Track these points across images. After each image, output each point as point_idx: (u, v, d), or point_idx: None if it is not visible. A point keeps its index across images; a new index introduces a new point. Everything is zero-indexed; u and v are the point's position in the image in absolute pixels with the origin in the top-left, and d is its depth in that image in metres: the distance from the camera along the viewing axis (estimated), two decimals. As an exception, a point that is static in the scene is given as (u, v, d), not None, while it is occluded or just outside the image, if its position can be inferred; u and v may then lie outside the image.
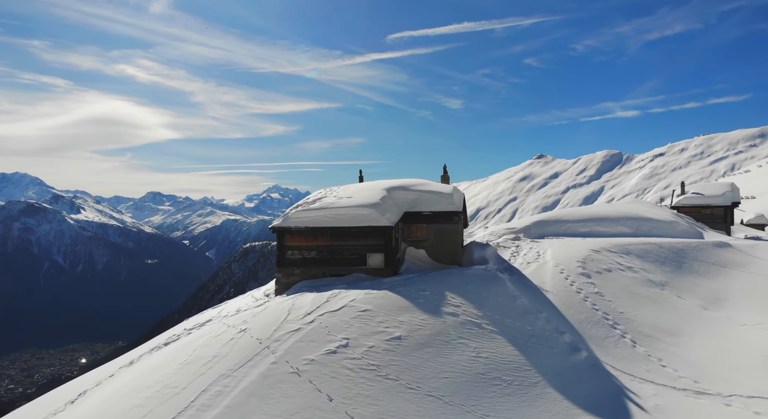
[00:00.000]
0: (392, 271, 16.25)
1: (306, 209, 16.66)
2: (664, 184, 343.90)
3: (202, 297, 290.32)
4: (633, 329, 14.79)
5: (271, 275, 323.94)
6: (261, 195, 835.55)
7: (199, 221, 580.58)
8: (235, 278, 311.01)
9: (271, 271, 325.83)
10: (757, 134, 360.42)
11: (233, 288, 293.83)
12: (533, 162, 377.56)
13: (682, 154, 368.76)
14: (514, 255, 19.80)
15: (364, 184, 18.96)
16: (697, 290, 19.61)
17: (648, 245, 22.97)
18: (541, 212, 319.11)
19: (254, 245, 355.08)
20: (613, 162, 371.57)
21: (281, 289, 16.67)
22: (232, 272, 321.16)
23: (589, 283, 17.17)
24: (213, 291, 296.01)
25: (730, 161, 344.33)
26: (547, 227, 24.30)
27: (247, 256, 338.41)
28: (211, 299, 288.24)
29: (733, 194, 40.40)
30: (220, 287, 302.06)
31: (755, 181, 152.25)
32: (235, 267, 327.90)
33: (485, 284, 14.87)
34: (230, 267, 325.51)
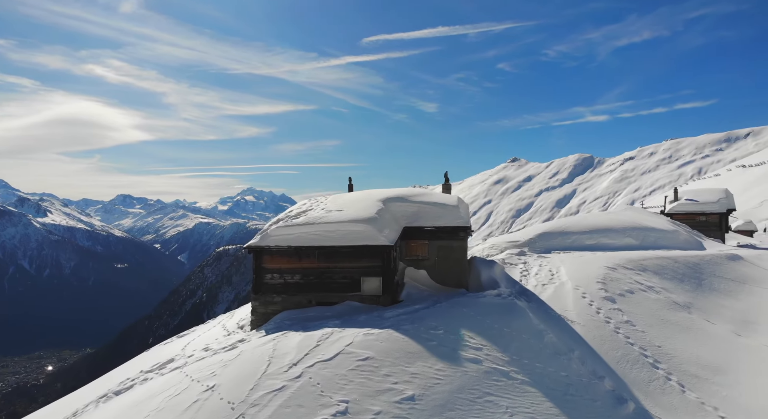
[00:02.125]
0: (391, 298, 13.78)
1: (289, 225, 14.07)
2: (635, 187, 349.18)
3: (174, 302, 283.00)
4: (676, 367, 12.63)
5: (245, 278, 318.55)
6: (235, 198, 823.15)
7: (171, 224, 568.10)
8: (208, 283, 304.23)
9: (245, 275, 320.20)
10: (723, 139, 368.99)
11: (206, 293, 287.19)
12: (507, 165, 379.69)
13: (652, 158, 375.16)
14: (525, 274, 17.53)
15: (356, 194, 16.45)
16: (725, 313, 17.66)
17: (663, 261, 20.99)
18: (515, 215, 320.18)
19: (228, 249, 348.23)
20: (585, 166, 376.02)
21: (258, 320, 14.04)
22: (204, 277, 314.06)
23: (615, 309, 14.98)
24: (185, 296, 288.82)
25: (697, 164, 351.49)
26: (552, 239, 22.16)
27: (221, 260, 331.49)
28: (183, 304, 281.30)
29: (727, 201, 39.10)
30: (193, 291, 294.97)
31: (725, 185, 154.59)
32: (207, 272, 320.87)
33: (504, 316, 12.51)
34: (203, 272, 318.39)
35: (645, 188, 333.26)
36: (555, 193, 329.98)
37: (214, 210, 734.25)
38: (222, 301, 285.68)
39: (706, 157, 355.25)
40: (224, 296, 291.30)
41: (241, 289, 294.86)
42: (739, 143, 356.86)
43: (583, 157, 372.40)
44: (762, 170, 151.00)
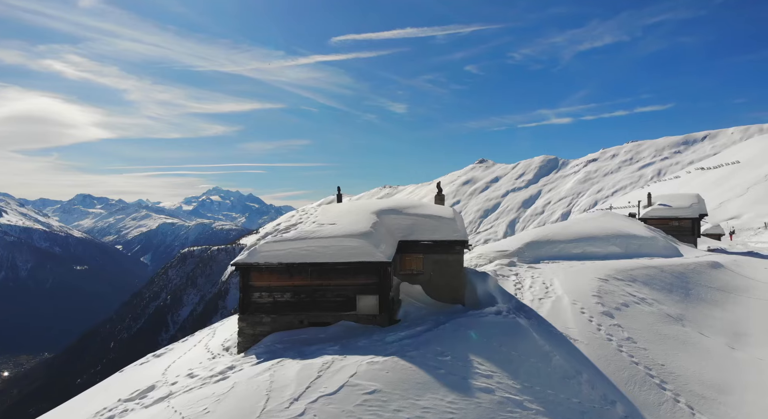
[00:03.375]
0: (388, 317, 13.09)
1: (279, 240, 13.22)
2: (598, 188, 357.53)
3: (137, 305, 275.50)
4: (682, 387, 12.31)
5: (210, 280, 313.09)
6: (200, 198, 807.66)
7: (134, 224, 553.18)
8: (173, 285, 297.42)
9: (211, 277, 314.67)
10: (681, 142, 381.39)
11: (170, 296, 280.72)
12: (475, 166, 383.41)
13: (614, 159, 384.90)
14: (518, 287, 17.08)
15: (347, 205, 15.68)
16: (715, 324, 17.60)
17: (650, 270, 20.91)
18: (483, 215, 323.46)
19: (192, 250, 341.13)
20: (550, 167, 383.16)
21: (246, 342, 13.15)
22: (168, 279, 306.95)
23: (615, 325, 14.64)
24: (148, 299, 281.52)
25: (657, 166, 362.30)
26: (540, 249, 21.84)
27: (185, 262, 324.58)
28: (146, 306, 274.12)
29: (699, 206, 39.77)
30: (156, 294, 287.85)
31: (686, 187, 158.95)
32: (172, 273, 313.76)
33: (509, 337, 11.98)
34: (167, 273, 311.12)
35: (608, 189, 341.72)
36: (521, 194, 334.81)
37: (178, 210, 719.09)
38: (187, 304, 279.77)
39: (665, 159, 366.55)
40: (189, 299, 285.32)
41: (207, 291, 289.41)
42: (696, 146, 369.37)
43: (548, 158, 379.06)
44: (720, 172, 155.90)
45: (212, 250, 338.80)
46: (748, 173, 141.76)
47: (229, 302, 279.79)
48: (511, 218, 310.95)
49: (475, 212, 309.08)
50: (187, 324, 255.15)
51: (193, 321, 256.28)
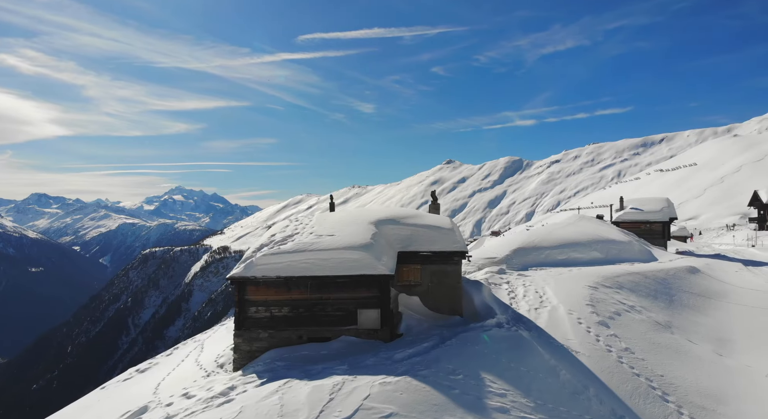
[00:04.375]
0: (390, 332, 12.77)
1: (276, 253, 12.74)
2: (560, 188, 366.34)
3: (96, 308, 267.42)
4: (683, 398, 12.40)
5: (173, 282, 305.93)
6: (162, 197, 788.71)
7: (92, 225, 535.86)
8: (134, 287, 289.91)
9: (173, 278, 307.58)
10: (640, 144, 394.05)
11: (131, 298, 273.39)
12: (443, 167, 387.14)
13: (576, 161, 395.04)
14: (513, 297, 17.02)
15: (342, 215, 15.27)
16: (700, 331, 17.93)
17: (634, 276, 21.23)
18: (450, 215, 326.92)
19: (154, 251, 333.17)
20: (515, 168, 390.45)
21: (242, 359, 12.62)
22: (129, 281, 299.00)
23: (612, 335, 14.71)
24: (108, 301, 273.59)
25: (617, 167, 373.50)
26: (527, 255, 21.92)
27: (147, 263, 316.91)
28: (106, 309, 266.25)
29: (669, 210, 40.84)
30: (116, 296, 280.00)
31: (645, 188, 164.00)
32: (133, 275, 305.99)
33: (515, 351, 11.82)
34: (127, 275, 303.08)
35: (570, 190, 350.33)
36: (487, 194, 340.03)
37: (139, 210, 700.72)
38: (148, 306, 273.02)
39: (625, 160, 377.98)
40: (151, 301, 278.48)
41: (170, 293, 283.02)
42: (654, 148, 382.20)
43: (513, 159, 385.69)
44: (678, 174, 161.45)
45: (175, 251, 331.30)
46: (704, 176, 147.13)
47: (193, 305, 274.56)
48: (478, 218, 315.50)
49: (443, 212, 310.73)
50: (149, 326, 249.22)
51: (155, 324, 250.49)
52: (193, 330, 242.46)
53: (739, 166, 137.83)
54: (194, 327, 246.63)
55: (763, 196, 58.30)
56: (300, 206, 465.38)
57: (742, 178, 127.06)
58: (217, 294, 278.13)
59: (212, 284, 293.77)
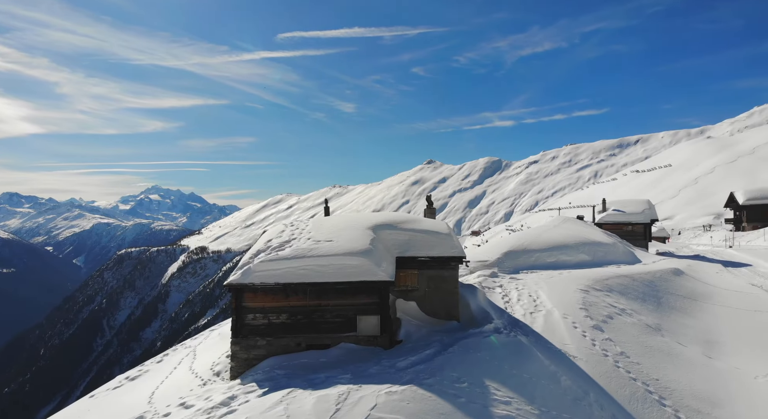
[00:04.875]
0: (389, 338, 12.68)
1: (275, 259, 12.55)
2: (539, 189, 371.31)
3: (69, 310, 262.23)
4: (679, 402, 12.56)
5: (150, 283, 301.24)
6: (138, 197, 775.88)
7: (65, 225, 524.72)
8: (108, 288, 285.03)
9: (150, 279, 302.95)
10: (616, 145, 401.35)
11: (106, 299, 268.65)
12: (423, 167, 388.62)
13: (553, 161, 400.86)
14: (507, 301, 17.08)
15: (338, 220, 15.11)
16: (689, 333, 18.22)
17: (622, 279, 21.50)
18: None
19: (130, 252, 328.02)
20: (494, 168, 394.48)
21: (240, 367, 12.40)
22: (104, 282, 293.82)
23: (607, 340, 14.85)
24: (82, 303, 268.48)
25: (594, 168, 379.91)
26: (517, 258, 22.06)
27: (122, 263, 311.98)
28: (80, 311, 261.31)
29: (651, 212, 41.53)
30: (91, 297, 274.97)
31: (622, 188, 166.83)
32: (108, 276, 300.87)
33: (516, 358, 11.83)
34: (102, 276, 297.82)
35: (548, 190, 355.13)
36: (467, 194, 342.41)
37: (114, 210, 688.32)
38: (124, 307, 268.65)
39: (601, 161, 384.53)
40: (127, 303, 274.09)
41: (146, 294, 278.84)
42: (630, 149, 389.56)
43: (492, 160, 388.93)
44: (653, 175, 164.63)
45: (151, 251, 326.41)
46: (679, 176, 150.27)
47: (170, 306, 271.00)
48: (458, 218, 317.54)
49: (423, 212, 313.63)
50: (124, 328, 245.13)
51: (131, 326, 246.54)
52: (170, 332, 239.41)
53: (712, 167, 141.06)
54: (171, 329, 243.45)
55: (739, 197, 59.68)
56: (280, 205, 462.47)
57: (715, 179, 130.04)
58: (195, 295, 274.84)
59: (190, 285, 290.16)
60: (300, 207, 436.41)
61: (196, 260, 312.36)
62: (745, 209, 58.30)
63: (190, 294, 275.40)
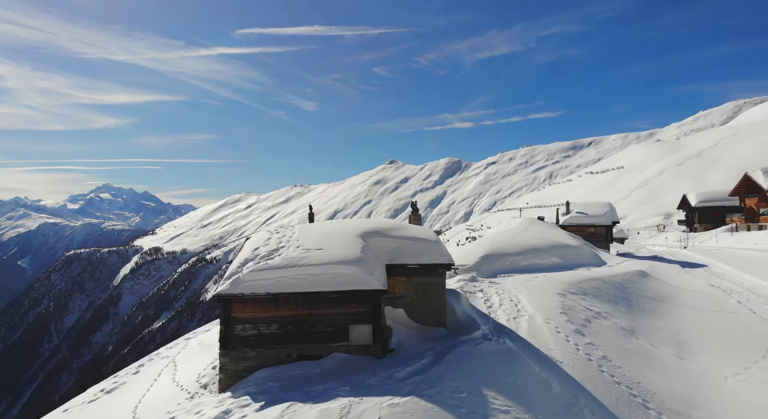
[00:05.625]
0: (382, 347, 12.61)
1: (265, 268, 12.28)
2: (497, 189, 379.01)
3: (14, 313, 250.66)
4: (661, 405, 12.98)
5: (100, 285, 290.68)
6: (88, 195, 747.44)
7: (9, 224, 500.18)
8: (56, 291, 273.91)
9: (101, 281, 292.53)
10: (570, 147, 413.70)
11: (53, 302, 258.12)
12: (386, 167, 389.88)
13: (511, 163, 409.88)
14: (489, 305, 17.28)
15: (327, 227, 14.92)
16: (659, 334, 18.88)
17: (594, 282, 22.12)
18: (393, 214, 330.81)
19: (79, 253, 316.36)
20: (454, 169, 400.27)
21: (229, 379, 12.08)
22: (51, 284, 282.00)
23: (588, 344, 15.22)
24: (27, 306, 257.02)
25: (549, 169, 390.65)
26: (494, 262, 22.39)
27: (71, 265, 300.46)
28: (25, 314, 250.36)
29: (612, 214, 42.88)
30: (37, 300, 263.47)
31: (577, 189, 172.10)
32: (55, 278, 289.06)
33: (509, 365, 11.96)
34: (49, 278, 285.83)
35: (506, 190, 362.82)
36: (428, 194, 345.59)
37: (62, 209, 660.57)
38: (73, 311, 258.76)
39: (556, 162, 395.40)
40: (76, 306, 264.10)
41: (96, 297, 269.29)
42: (583, 151, 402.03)
43: (453, 161, 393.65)
44: (606, 177, 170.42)
45: (102, 252, 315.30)
46: (631, 178, 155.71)
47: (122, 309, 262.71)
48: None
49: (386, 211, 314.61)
50: (73, 332, 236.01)
51: (80, 330, 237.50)
52: (123, 336, 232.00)
53: (662, 169, 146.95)
54: (124, 333, 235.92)
55: (691, 200, 62.38)
56: (238, 205, 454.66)
57: (665, 181, 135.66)
58: (149, 298, 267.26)
59: (143, 287, 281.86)
60: (260, 207, 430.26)
61: (150, 261, 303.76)
62: (697, 210, 60.98)
63: (143, 297, 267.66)
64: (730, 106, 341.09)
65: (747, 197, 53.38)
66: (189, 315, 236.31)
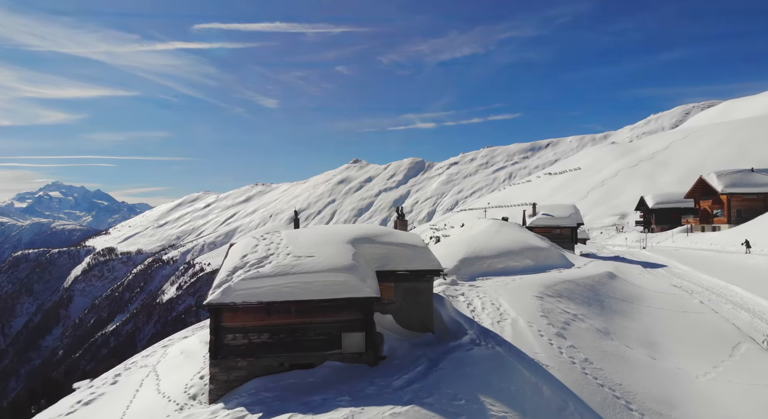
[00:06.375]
0: (374, 355, 12.59)
1: (257, 276, 12.07)
2: (458, 189, 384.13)
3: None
4: (642, 406, 13.41)
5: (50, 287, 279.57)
6: (36, 194, 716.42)
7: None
8: (2, 293, 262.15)
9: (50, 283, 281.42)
10: (529, 148, 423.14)
11: None
12: (350, 166, 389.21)
13: (472, 163, 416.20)
14: (472, 309, 17.49)
15: (314, 233, 14.76)
16: (631, 335, 19.49)
17: (568, 284, 22.68)
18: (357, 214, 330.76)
19: (27, 253, 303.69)
20: (418, 169, 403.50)
21: (219, 389, 11.83)
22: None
23: (570, 347, 15.59)
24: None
25: (508, 170, 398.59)
26: (472, 265, 22.68)
27: (18, 266, 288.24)
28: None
29: (576, 216, 44.06)
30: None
31: (536, 190, 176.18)
32: (1, 280, 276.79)
33: (501, 371, 12.13)
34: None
35: (467, 190, 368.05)
36: (392, 193, 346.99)
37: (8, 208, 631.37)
38: (21, 314, 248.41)
39: (515, 163, 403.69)
40: (24, 309, 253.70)
41: (46, 299, 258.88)
42: (541, 152, 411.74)
43: (416, 161, 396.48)
44: (564, 177, 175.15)
45: (52, 253, 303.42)
46: (587, 179, 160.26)
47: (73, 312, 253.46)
48: (384, 217, 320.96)
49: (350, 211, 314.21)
50: (21, 336, 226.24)
51: (29, 334, 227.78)
52: (74, 339, 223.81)
53: (617, 171, 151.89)
54: (75, 336, 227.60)
55: (649, 201, 64.72)
56: (197, 204, 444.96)
57: (619, 182, 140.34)
58: (102, 300, 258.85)
59: (96, 289, 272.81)
60: (219, 206, 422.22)
61: (102, 262, 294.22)
62: (654, 212, 63.35)
63: (96, 299, 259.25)
64: (679, 110, 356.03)
65: (701, 199, 55.87)
66: (145, 317, 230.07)
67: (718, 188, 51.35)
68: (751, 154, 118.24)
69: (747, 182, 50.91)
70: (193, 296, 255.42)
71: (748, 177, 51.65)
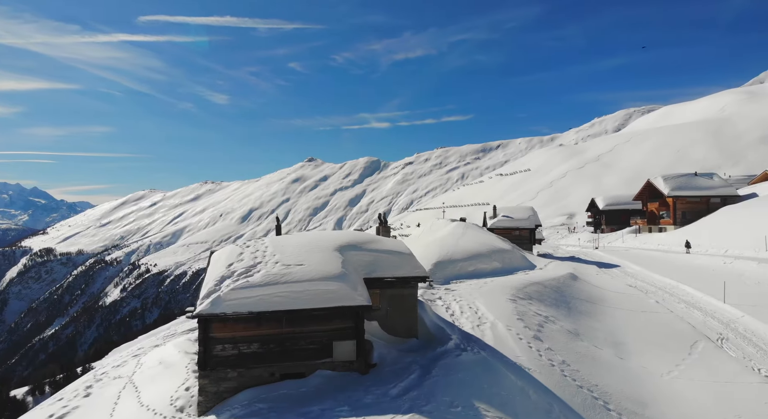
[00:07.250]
0: (365, 363, 12.62)
1: (246, 286, 11.87)
2: (413, 188, 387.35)
3: None
4: (619, 405, 13.99)
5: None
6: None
7: None
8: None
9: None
10: (480, 149, 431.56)
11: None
12: (305, 165, 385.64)
13: (426, 163, 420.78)
14: (451, 313, 17.75)
15: (302, 241, 14.60)
16: (598, 335, 20.25)
17: (536, 286, 23.34)
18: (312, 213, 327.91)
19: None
20: (373, 168, 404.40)
21: (209, 401, 11.57)
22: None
23: (548, 349, 16.07)
24: None
25: (461, 170, 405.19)
26: (445, 268, 23.01)
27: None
28: None
29: (535, 218, 45.32)
30: None
31: (488, 190, 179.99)
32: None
33: (490, 376, 12.40)
34: None
35: (422, 190, 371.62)
36: (348, 192, 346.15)
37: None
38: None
39: (467, 164, 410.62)
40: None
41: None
42: (492, 153, 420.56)
43: (372, 160, 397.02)
44: (514, 178, 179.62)
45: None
46: (536, 180, 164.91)
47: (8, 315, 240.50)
48: (339, 216, 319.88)
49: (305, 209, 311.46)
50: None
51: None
52: (10, 344, 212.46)
53: (564, 172, 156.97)
54: (11, 341, 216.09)
55: (599, 203, 67.26)
56: (142, 202, 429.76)
57: (567, 183, 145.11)
58: (40, 303, 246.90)
59: (33, 292, 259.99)
60: (166, 205, 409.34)
61: (40, 263, 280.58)
62: (604, 213, 65.92)
63: (33, 302, 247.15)
64: (621, 114, 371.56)
65: (649, 201, 58.62)
66: (86, 321, 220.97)
67: (665, 191, 54.02)
68: (689, 157, 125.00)
69: (691, 185, 53.81)
70: (138, 298, 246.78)
71: (692, 181, 54.58)
